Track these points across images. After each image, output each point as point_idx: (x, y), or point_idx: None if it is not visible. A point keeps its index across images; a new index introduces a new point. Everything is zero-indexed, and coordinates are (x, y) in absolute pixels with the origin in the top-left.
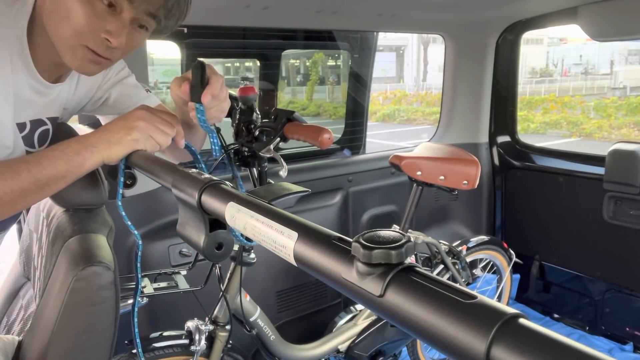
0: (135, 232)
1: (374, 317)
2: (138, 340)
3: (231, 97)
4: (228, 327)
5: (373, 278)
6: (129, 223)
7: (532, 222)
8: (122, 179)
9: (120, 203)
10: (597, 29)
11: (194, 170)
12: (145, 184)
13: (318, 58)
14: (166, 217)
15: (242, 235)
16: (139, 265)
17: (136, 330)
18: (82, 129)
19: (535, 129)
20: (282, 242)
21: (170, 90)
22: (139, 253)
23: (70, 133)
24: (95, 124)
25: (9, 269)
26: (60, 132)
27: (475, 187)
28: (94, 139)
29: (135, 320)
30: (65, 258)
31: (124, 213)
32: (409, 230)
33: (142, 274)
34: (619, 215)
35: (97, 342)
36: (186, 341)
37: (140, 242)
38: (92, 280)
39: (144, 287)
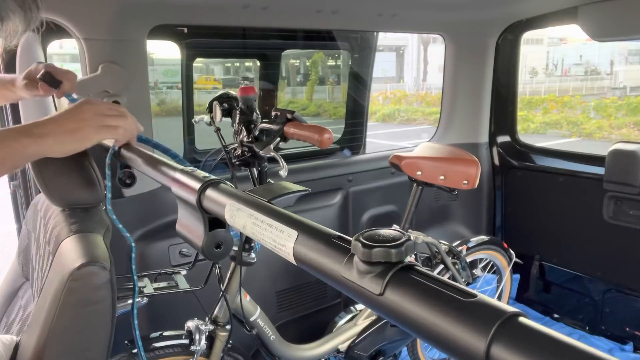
0: (127, 234)
1: (374, 317)
2: (139, 341)
3: (231, 97)
4: (228, 327)
5: (373, 276)
6: (120, 226)
7: (532, 222)
8: (109, 184)
9: (110, 207)
10: (597, 29)
11: (194, 169)
12: (145, 184)
13: (318, 58)
14: (166, 217)
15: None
16: (133, 267)
17: (137, 331)
18: None
19: (535, 129)
20: (282, 241)
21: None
22: (133, 255)
23: None
24: None
25: (8, 269)
26: None
27: (475, 187)
28: (39, 130)
29: (136, 321)
30: (61, 258)
31: (114, 216)
32: (409, 230)
33: (142, 274)
34: (619, 215)
35: (94, 342)
36: (186, 341)
37: (133, 244)
38: (88, 280)
39: (144, 287)
